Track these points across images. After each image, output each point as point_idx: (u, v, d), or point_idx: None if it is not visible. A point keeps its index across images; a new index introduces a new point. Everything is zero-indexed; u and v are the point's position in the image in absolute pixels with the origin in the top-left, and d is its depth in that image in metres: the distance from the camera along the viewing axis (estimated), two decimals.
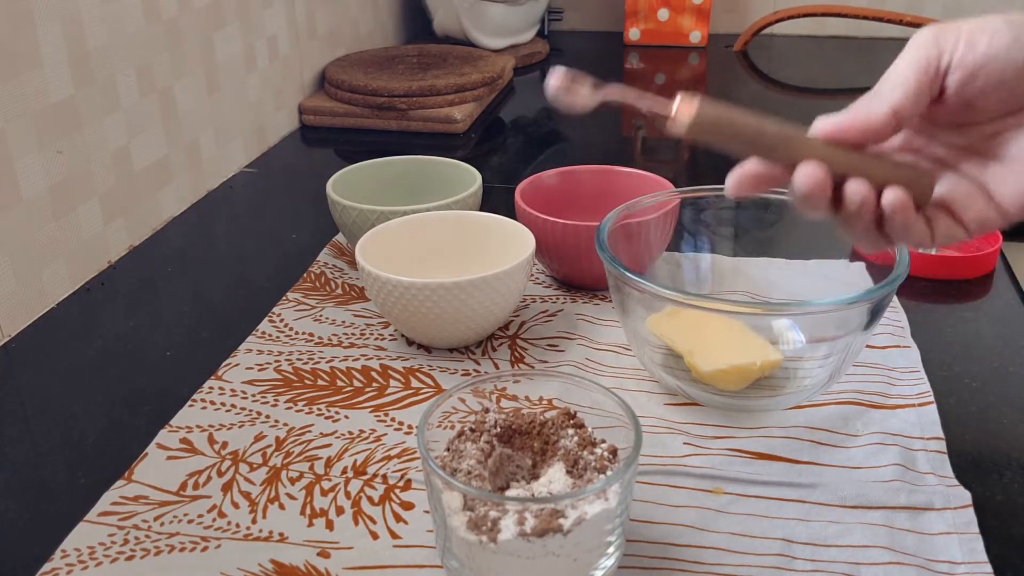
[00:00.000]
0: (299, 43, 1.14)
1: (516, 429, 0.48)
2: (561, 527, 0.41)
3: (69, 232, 0.73)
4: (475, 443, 0.46)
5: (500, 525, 0.41)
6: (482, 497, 0.42)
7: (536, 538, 0.41)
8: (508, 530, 0.41)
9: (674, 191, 0.68)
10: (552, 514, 0.41)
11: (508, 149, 1.11)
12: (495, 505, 0.42)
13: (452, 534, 0.43)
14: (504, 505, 0.42)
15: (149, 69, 0.83)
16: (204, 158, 0.93)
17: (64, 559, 0.47)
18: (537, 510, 0.41)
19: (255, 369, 0.63)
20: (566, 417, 0.48)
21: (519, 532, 0.41)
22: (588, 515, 0.41)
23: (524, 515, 0.41)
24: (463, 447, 0.46)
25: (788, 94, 1.34)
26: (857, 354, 0.57)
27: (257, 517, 0.50)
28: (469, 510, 0.42)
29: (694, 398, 0.59)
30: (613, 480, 0.42)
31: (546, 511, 0.41)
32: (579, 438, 0.47)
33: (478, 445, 0.46)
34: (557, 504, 0.42)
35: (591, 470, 0.45)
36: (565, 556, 0.42)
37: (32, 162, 0.69)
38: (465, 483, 0.44)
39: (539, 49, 1.44)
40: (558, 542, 0.41)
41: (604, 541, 0.43)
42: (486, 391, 0.50)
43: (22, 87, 0.67)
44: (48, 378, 0.63)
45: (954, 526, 0.48)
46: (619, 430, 0.47)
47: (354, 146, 1.10)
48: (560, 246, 0.69)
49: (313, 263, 0.78)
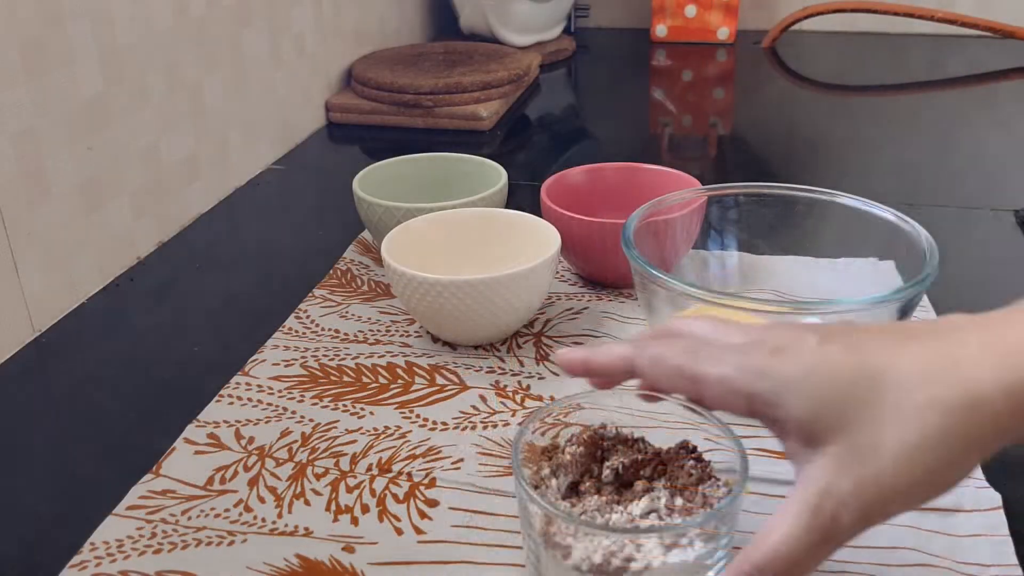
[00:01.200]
0: (326, 40, 1.14)
1: (623, 441, 0.45)
2: (624, 571, 0.38)
3: (98, 228, 0.74)
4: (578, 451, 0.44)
5: (572, 548, 0.39)
6: (556, 516, 0.40)
7: (593, 575, 0.38)
8: (576, 555, 0.39)
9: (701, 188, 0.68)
10: (611, 553, 0.38)
11: (534, 146, 1.10)
12: (569, 528, 0.39)
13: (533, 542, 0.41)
14: (579, 530, 0.39)
15: (178, 66, 0.83)
16: (232, 155, 0.94)
17: (93, 552, 0.48)
18: (598, 543, 0.38)
19: (282, 365, 0.64)
20: (685, 450, 0.45)
21: (579, 563, 0.38)
22: (659, 563, 0.38)
23: (593, 546, 0.38)
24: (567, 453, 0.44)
25: (817, 91, 1.33)
26: None
27: (283, 512, 0.50)
28: (547, 523, 0.40)
29: None
30: (692, 525, 0.38)
31: (602, 543, 0.38)
32: (700, 471, 0.43)
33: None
34: (616, 538, 0.38)
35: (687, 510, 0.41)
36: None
37: (62, 159, 0.69)
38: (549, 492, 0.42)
39: (565, 46, 1.44)
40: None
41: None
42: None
43: (53, 84, 0.68)
44: (78, 373, 0.64)
45: (984, 528, 0.48)
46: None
47: (380, 143, 1.11)
48: (586, 243, 0.69)
49: (339, 260, 0.78)
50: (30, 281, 0.67)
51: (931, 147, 1.04)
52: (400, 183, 0.80)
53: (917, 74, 1.38)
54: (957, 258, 0.77)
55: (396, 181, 0.80)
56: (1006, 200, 0.86)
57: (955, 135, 1.07)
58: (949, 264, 0.76)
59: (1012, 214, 0.84)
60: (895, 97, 1.28)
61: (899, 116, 1.17)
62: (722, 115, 1.23)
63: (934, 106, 1.22)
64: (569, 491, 0.44)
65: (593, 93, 1.36)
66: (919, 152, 1.03)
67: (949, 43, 1.46)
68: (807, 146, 1.08)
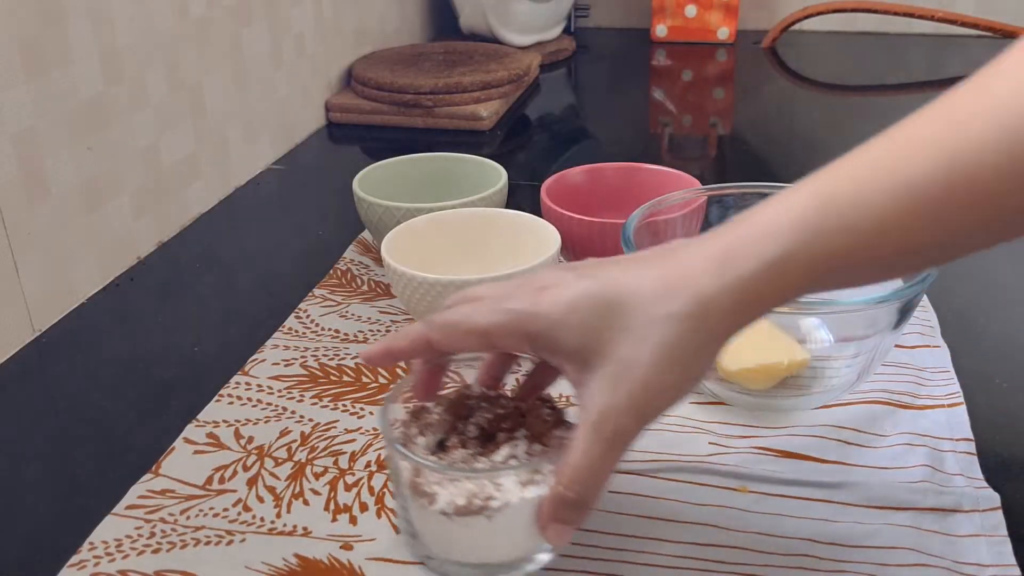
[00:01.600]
0: (326, 40, 1.14)
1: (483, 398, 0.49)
2: (484, 508, 0.42)
3: (99, 228, 0.74)
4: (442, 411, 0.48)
5: (437, 495, 0.43)
6: (419, 464, 0.44)
7: (458, 517, 0.42)
8: (441, 500, 0.43)
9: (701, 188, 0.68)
10: (473, 494, 0.42)
11: (534, 146, 1.11)
12: (431, 473, 0.43)
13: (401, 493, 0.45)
14: (439, 474, 0.43)
15: (178, 66, 0.83)
16: (232, 155, 0.94)
17: (91, 551, 0.48)
18: (463, 488, 0.42)
19: (281, 365, 0.64)
20: (541, 401, 0.49)
21: (445, 508, 0.42)
22: (517, 498, 0.42)
23: (451, 487, 0.43)
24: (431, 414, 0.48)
25: (817, 91, 1.33)
26: (886, 353, 0.56)
27: (282, 512, 0.50)
28: (415, 475, 0.44)
29: (720, 397, 0.59)
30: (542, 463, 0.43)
31: (465, 487, 0.42)
32: (554, 417, 0.47)
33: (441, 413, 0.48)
34: (477, 480, 0.43)
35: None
36: (499, 532, 0.43)
37: (62, 159, 0.69)
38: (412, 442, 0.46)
39: (565, 46, 1.44)
40: (482, 523, 0.42)
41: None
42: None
43: (53, 84, 0.68)
44: (77, 372, 0.64)
45: (982, 528, 0.48)
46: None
47: (380, 143, 1.11)
48: (586, 243, 0.69)
49: (339, 259, 0.78)
50: (30, 281, 0.67)
51: None
52: (400, 183, 0.80)
53: (917, 74, 1.37)
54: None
55: (396, 181, 0.80)
56: None
57: None
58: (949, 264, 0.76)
59: None
60: (895, 97, 1.28)
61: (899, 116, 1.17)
62: (722, 115, 1.23)
63: None
64: (437, 448, 0.47)
65: (593, 93, 1.36)
66: None
67: (949, 43, 1.46)
68: (807, 146, 1.08)
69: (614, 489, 0.51)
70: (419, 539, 0.46)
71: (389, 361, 0.46)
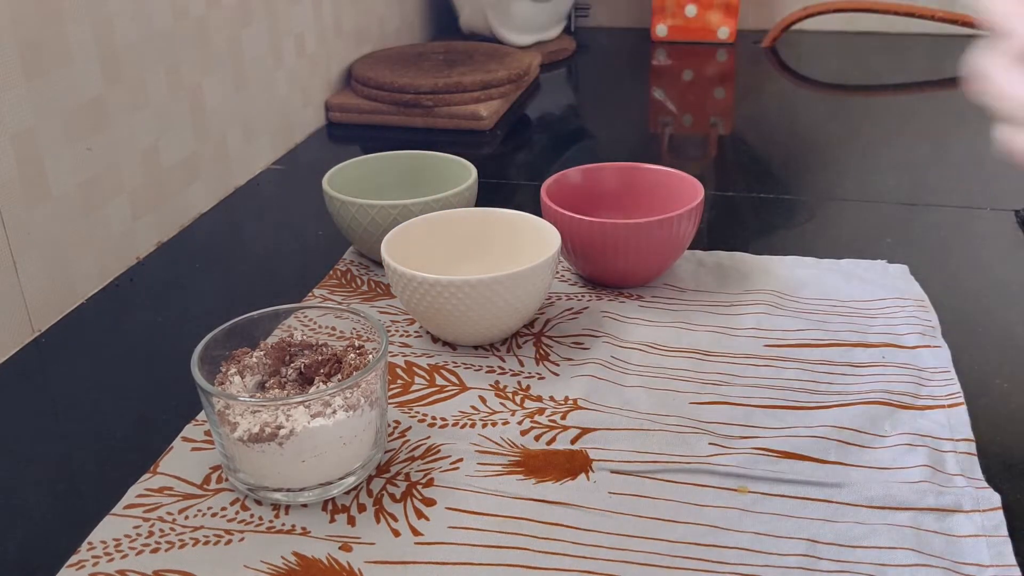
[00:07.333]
0: (326, 40, 1.14)
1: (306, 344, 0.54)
2: (275, 436, 0.47)
3: (98, 228, 0.74)
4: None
5: (238, 424, 0.48)
6: (219, 395, 0.48)
7: (254, 444, 0.47)
8: (240, 428, 0.48)
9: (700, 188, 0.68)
10: (265, 422, 0.47)
11: (534, 146, 1.10)
12: (235, 404, 0.48)
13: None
14: (242, 406, 0.48)
15: (177, 67, 0.83)
16: (231, 155, 0.94)
17: (90, 551, 0.48)
18: (260, 418, 0.47)
19: None
20: (352, 348, 0.54)
21: (242, 435, 0.48)
22: (301, 427, 0.47)
23: (246, 416, 0.48)
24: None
25: (818, 91, 1.33)
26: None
27: (280, 512, 0.50)
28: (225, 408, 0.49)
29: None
30: (323, 394, 0.48)
31: (261, 417, 0.47)
32: (359, 361, 0.52)
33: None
34: (267, 409, 0.47)
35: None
36: (292, 459, 0.48)
37: (62, 159, 0.69)
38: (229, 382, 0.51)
39: (565, 46, 1.44)
40: (275, 450, 0.47)
41: (339, 456, 0.49)
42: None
43: (52, 85, 0.68)
44: (77, 372, 0.64)
45: (983, 528, 0.48)
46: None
47: (380, 143, 1.10)
48: (586, 243, 0.69)
49: (339, 260, 0.78)
50: (30, 281, 0.67)
51: (931, 147, 1.04)
52: (371, 182, 0.81)
53: (917, 74, 1.37)
54: (957, 258, 0.77)
55: (367, 180, 0.81)
56: (1006, 200, 0.86)
57: (955, 135, 1.07)
58: (949, 264, 0.76)
59: (1012, 214, 0.84)
60: (895, 97, 1.28)
61: (899, 116, 1.17)
62: (722, 115, 1.23)
63: (934, 106, 1.22)
64: (256, 389, 0.52)
65: (593, 93, 1.36)
66: (919, 152, 1.03)
67: (949, 43, 1.45)
68: (807, 146, 1.08)
69: (614, 489, 0.51)
70: (235, 471, 0.50)
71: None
